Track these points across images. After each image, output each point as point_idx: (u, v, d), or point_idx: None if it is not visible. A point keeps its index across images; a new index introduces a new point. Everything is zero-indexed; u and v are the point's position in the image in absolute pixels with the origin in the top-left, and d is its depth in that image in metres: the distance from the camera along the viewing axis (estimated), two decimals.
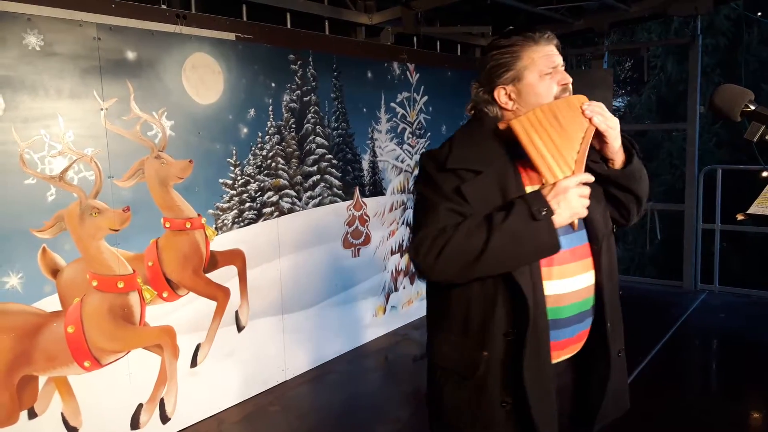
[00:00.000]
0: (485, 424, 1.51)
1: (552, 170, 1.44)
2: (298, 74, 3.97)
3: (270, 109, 3.79)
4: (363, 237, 4.60)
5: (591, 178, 1.46)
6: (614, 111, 10.88)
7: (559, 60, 1.53)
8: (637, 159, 1.58)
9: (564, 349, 1.56)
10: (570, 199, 1.41)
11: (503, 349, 1.48)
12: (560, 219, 1.41)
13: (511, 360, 1.47)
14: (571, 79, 1.54)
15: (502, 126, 1.54)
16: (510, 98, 1.52)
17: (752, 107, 1.44)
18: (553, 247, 1.43)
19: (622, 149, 1.55)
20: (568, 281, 1.52)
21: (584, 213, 1.45)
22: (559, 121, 1.45)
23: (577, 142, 1.47)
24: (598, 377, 1.60)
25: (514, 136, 1.47)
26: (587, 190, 1.44)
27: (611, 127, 1.49)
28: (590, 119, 1.48)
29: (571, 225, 1.46)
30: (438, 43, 5.46)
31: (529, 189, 1.49)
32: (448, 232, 1.41)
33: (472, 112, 1.60)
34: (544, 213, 1.38)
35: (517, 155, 1.49)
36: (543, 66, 1.50)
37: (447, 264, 1.41)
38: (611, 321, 1.58)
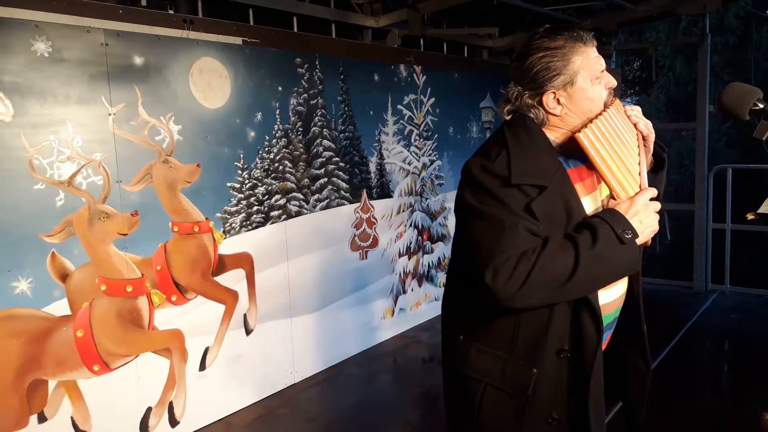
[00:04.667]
0: None
1: (623, 186, 1.40)
2: (305, 78, 3.98)
3: (277, 112, 3.80)
4: (371, 239, 4.60)
5: (656, 192, 1.42)
6: None
7: (603, 62, 1.47)
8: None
9: None
10: (649, 216, 1.38)
11: (554, 366, 1.44)
12: (642, 238, 1.38)
13: (567, 378, 1.45)
14: (616, 83, 1.49)
15: (554, 135, 1.48)
16: (559, 103, 1.45)
17: (761, 105, 1.44)
18: (635, 268, 1.41)
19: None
20: (611, 291, 1.53)
21: (657, 228, 1.41)
22: (615, 132, 1.43)
23: (635, 152, 1.46)
24: (638, 377, 1.67)
25: (566, 145, 1.45)
26: (659, 205, 1.40)
27: (651, 131, 1.51)
28: (635, 125, 1.48)
29: (645, 243, 1.42)
30: (445, 45, 5.46)
31: (584, 200, 1.46)
32: (530, 258, 1.29)
33: (510, 116, 1.50)
34: (629, 236, 1.33)
35: (567, 164, 1.47)
36: (593, 69, 1.44)
37: (531, 292, 1.30)
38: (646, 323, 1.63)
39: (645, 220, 1.37)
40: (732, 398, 3.76)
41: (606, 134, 1.41)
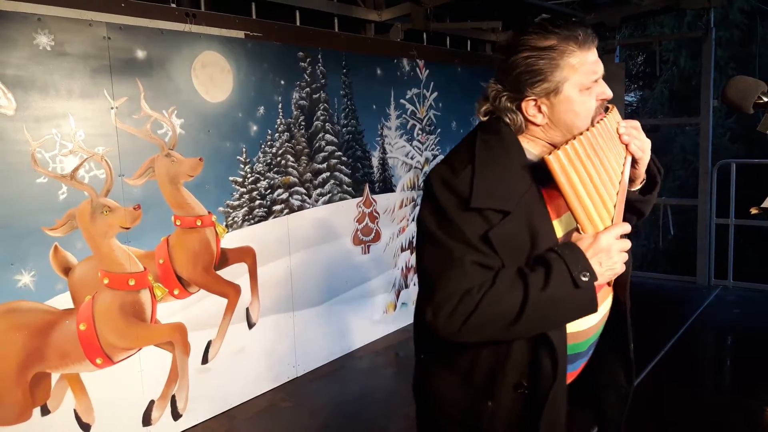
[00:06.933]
0: None
1: (592, 219, 1.25)
2: (308, 72, 3.97)
3: (279, 106, 3.79)
4: (373, 234, 4.60)
5: (629, 229, 1.28)
6: (626, 106, 10.83)
7: (601, 69, 1.30)
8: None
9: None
10: (612, 257, 1.23)
11: (511, 401, 1.33)
12: (601, 280, 1.25)
13: (522, 413, 1.34)
14: (612, 95, 1.33)
15: (531, 145, 1.34)
16: (540, 111, 1.29)
17: (765, 99, 1.43)
18: (592, 311, 1.28)
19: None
20: (587, 318, 1.37)
21: (622, 270, 1.28)
22: (597, 155, 1.28)
23: (616, 178, 1.31)
24: (617, 395, 1.56)
25: (541, 159, 1.28)
26: (628, 244, 1.26)
27: (645, 152, 1.36)
28: (627, 146, 1.34)
29: (608, 283, 1.32)
30: (448, 39, 5.44)
31: (555, 223, 1.32)
32: (475, 296, 1.20)
33: (486, 117, 1.35)
34: (586, 279, 1.21)
35: (541, 180, 1.30)
36: (585, 78, 1.27)
37: (474, 332, 1.22)
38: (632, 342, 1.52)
39: (605, 262, 1.23)
40: (735, 393, 3.75)
41: (583, 157, 1.25)
